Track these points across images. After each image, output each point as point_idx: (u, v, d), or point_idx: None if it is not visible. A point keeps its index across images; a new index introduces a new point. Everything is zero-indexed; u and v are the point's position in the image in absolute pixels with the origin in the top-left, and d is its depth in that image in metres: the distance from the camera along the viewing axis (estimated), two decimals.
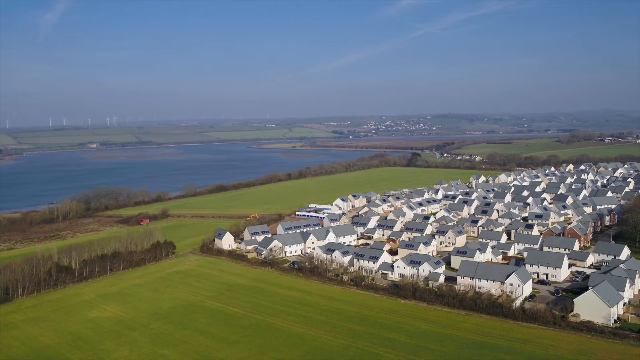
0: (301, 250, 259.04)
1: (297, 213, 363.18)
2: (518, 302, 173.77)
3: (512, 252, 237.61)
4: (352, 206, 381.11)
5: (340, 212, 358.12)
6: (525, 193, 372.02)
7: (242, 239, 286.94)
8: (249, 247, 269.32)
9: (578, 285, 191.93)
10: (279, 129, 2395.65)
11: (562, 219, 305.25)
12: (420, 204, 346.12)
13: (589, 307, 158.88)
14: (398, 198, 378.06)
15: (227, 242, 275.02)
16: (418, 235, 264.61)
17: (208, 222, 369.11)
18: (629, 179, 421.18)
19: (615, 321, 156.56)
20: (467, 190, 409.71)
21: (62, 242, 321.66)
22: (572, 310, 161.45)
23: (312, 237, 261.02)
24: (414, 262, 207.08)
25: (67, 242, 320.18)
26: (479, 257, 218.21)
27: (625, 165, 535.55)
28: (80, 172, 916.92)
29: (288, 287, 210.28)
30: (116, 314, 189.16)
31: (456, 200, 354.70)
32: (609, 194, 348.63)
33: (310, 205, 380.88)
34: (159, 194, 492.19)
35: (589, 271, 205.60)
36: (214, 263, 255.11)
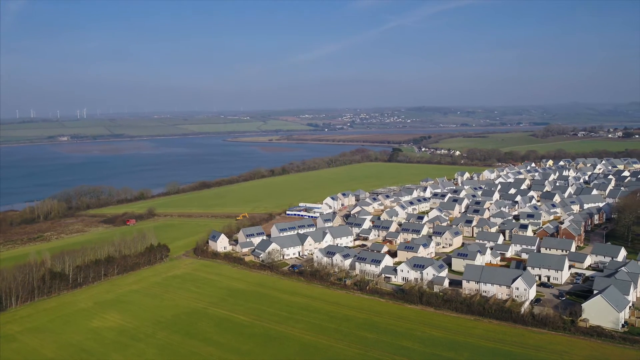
0: (299, 253, 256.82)
1: (287, 212, 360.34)
2: (525, 306, 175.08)
3: (509, 253, 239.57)
4: (342, 204, 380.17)
5: (330, 211, 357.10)
6: (513, 191, 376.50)
7: (235, 241, 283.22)
8: (245, 250, 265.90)
9: (580, 288, 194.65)
10: (253, 122, 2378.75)
11: (551, 217, 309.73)
12: (411, 203, 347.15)
13: (597, 312, 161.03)
14: (388, 196, 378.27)
15: (222, 244, 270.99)
16: (415, 236, 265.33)
17: (196, 221, 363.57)
18: (610, 176, 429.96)
19: (623, 325, 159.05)
20: (454, 187, 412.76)
21: (47, 245, 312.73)
22: (580, 315, 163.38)
23: (309, 239, 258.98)
24: (418, 265, 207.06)
25: (52, 245, 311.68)
26: (479, 259, 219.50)
27: (603, 162, 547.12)
28: (53, 167, 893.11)
29: (291, 292, 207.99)
30: (118, 324, 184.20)
31: (446, 199, 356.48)
32: (594, 192, 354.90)
33: (300, 204, 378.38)
34: (142, 192, 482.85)
35: (587, 273, 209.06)
36: (211, 266, 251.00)
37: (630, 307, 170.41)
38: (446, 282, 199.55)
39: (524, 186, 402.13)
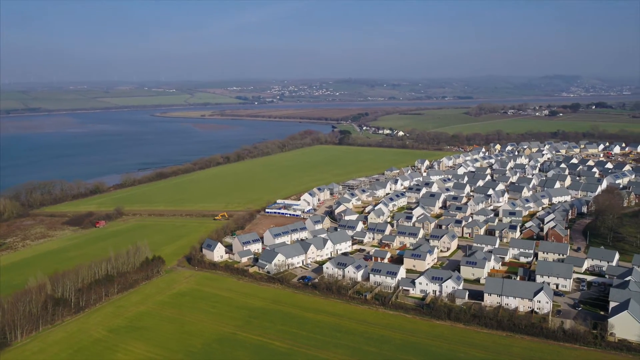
0: (302, 262, 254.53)
1: (266, 210, 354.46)
2: (550, 320, 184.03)
3: (507, 257, 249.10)
4: (319, 200, 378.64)
5: (310, 207, 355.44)
6: (481, 182, 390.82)
7: (228, 247, 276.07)
8: (244, 259, 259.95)
9: (588, 295, 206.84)
10: (180, 94, 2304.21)
11: (527, 212, 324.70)
12: (391, 199, 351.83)
13: (623, 326, 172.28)
14: (364, 191, 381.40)
15: (219, 253, 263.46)
16: (412, 240, 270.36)
17: (172, 222, 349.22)
18: (563, 164, 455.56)
19: None
20: (421, 178, 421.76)
21: (16, 255, 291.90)
22: (607, 329, 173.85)
23: (312, 247, 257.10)
24: (436, 278, 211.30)
25: (22, 255, 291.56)
26: (487, 266, 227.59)
27: (547, 146, 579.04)
28: None
29: (314, 310, 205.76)
30: (146, 356, 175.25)
31: (421, 194, 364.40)
32: (557, 184, 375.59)
33: (278, 201, 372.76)
34: (97, 185, 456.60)
35: (588, 278, 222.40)
36: (214, 280, 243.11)
37: None
38: (466, 295, 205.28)
39: (488, 177, 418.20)
